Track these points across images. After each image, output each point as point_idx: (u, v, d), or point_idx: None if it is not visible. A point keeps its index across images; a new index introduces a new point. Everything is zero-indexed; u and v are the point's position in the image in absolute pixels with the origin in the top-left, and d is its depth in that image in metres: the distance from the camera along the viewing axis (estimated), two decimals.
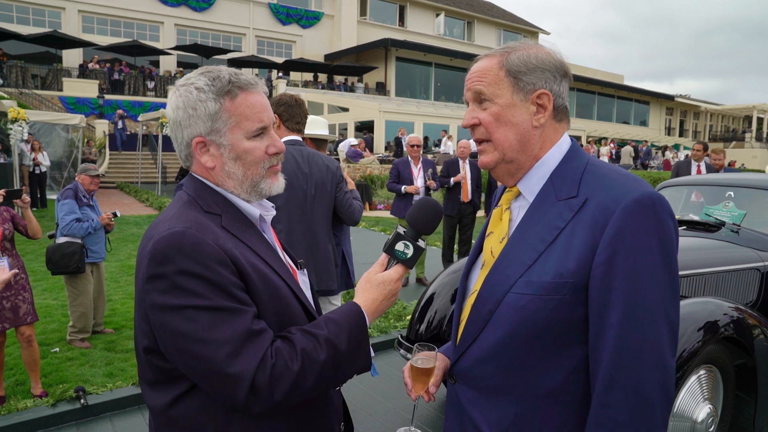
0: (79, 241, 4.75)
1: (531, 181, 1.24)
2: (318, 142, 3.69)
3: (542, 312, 1.12)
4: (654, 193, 1.10)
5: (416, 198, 6.82)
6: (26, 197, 4.09)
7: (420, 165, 6.97)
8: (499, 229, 1.29)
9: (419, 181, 6.87)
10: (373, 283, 1.27)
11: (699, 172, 7.31)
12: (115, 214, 5.14)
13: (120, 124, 21.78)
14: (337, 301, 3.37)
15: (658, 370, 1.07)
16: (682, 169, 7.41)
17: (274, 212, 1.36)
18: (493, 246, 1.28)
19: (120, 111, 22.33)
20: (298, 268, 1.40)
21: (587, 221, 1.11)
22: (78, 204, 4.76)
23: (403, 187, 6.78)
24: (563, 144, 1.25)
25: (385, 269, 1.30)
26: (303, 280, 1.39)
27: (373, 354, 1.24)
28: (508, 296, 1.16)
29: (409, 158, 6.99)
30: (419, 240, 1.30)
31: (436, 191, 7.16)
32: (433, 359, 1.34)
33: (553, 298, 1.11)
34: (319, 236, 3.17)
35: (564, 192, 1.18)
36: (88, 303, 4.93)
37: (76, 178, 4.93)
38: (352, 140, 20.09)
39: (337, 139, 20.35)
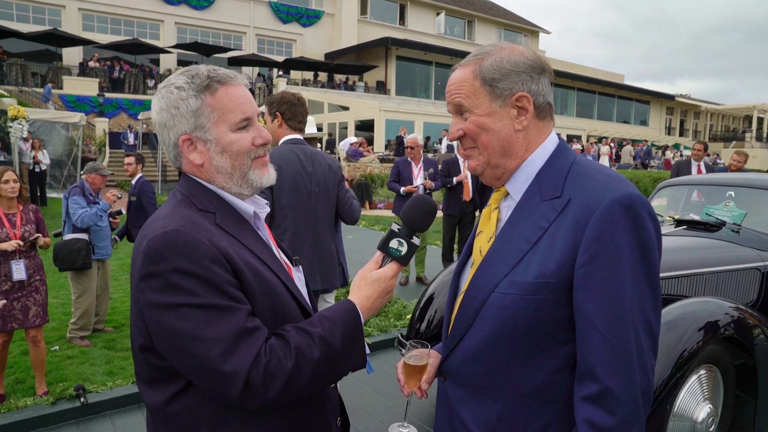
0: (85, 237, 4.78)
1: (518, 181, 1.25)
2: (309, 140, 3.70)
3: (525, 312, 1.13)
4: (635, 194, 1.11)
5: None
6: (46, 240, 4.05)
7: (420, 164, 6.92)
8: (487, 228, 1.30)
9: (418, 181, 6.84)
10: (368, 280, 1.28)
11: (699, 171, 7.32)
12: (120, 212, 5.15)
13: (131, 139, 20.60)
14: (331, 298, 3.39)
15: (638, 372, 1.08)
16: (682, 168, 7.42)
17: (268, 209, 1.36)
18: (482, 245, 1.29)
19: (128, 125, 21.10)
20: (293, 265, 1.41)
21: (570, 221, 1.12)
22: (85, 201, 4.79)
23: (402, 189, 6.75)
24: (549, 143, 1.25)
25: (380, 267, 1.30)
26: (298, 276, 1.40)
27: (368, 351, 1.24)
28: (493, 296, 1.18)
29: (409, 158, 6.96)
30: (413, 237, 1.31)
31: (435, 191, 7.11)
32: (426, 356, 1.35)
33: (535, 298, 1.12)
34: (323, 235, 3.17)
35: (548, 192, 1.19)
36: (91, 300, 4.95)
37: (84, 177, 4.94)
38: (352, 139, 20.04)
39: (323, 137, 20.17)
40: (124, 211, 5.28)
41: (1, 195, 3.84)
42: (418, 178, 6.84)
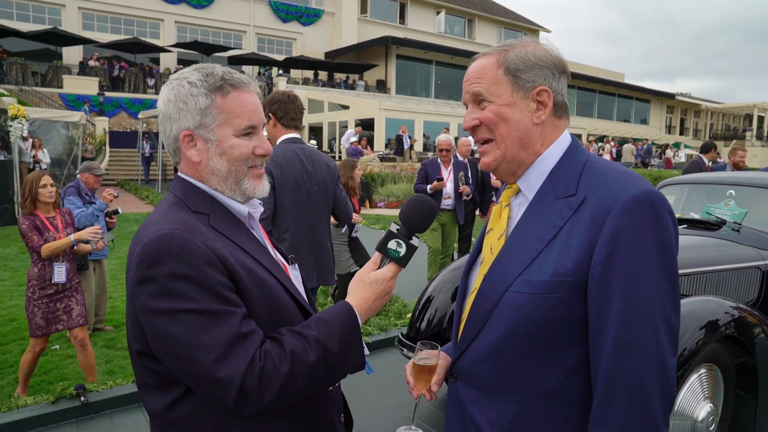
0: None
1: (530, 178, 1.24)
2: None
3: (540, 311, 1.12)
4: (653, 191, 1.09)
5: (446, 202, 6.43)
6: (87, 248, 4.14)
7: (450, 168, 6.42)
8: (498, 225, 1.29)
9: (448, 185, 6.39)
10: (366, 282, 1.26)
11: (708, 169, 7.33)
12: (116, 212, 5.12)
13: (147, 150, 19.98)
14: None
15: (657, 370, 1.06)
16: (702, 166, 7.37)
17: (261, 209, 1.36)
18: (493, 243, 1.27)
19: (145, 137, 20.27)
20: (288, 263, 1.40)
21: (586, 219, 1.11)
22: (81, 202, 4.78)
23: (428, 187, 6.21)
24: (563, 141, 1.25)
25: (379, 268, 1.29)
26: (294, 274, 1.39)
27: (367, 352, 1.23)
28: (507, 295, 1.16)
29: (439, 160, 6.48)
30: (412, 238, 1.29)
31: (470, 197, 6.60)
32: (436, 357, 1.34)
33: (551, 297, 1.11)
34: (321, 234, 3.21)
35: (563, 190, 1.18)
36: (90, 300, 4.94)
37: (79, 176, 4.93)
38: (351, 132, 19.88)
39: None
40: (121, 211, 5.25)
41: (39, 200, 3.84)
42: (448, 182, 6.38)
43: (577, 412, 1.15)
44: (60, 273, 3.83)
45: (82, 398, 3.62)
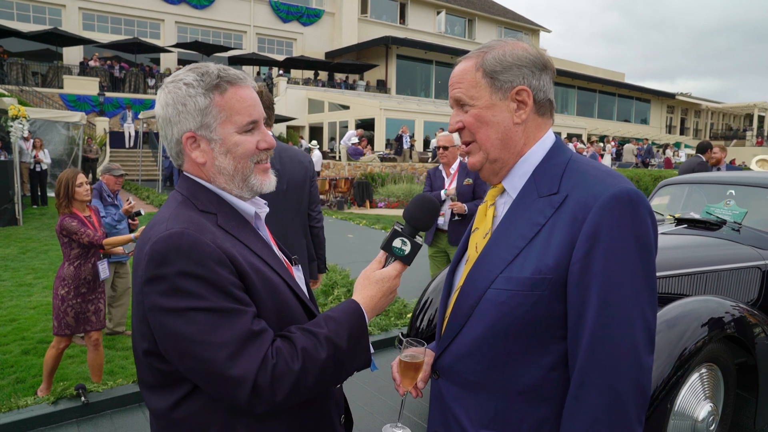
0: None
1: (514, 177, 1.26)
2: None
3: (522, 308, 1.13)
4: (632, 190, 1.11)
5: (440, 220, 4.95)
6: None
7: (455, 172, 5.05)
8: (483, 224, 1.31)
9: (443, 195, 5.01)
10: (372, 280, 1.27)
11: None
12: (138, 213, 5.09)
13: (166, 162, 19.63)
14: None
15: (632, 367, 1.07)
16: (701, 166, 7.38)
17: (267, 209, 1.36)
18: (478, 242, 1.29)
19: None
20: (292, 264, 1.41)
21: (567, 218, 1.12)
22: (103, 204, 4.77)
23: (443, 192, 4.96)
24: (547, 140, 1.26)
25: (384, 266, 1.30)
26: (298, 275, 1.40)
27: (372, 351, 1.24)
28: (489, 292, 1.17)
29: (441, 164, 5.21)
30: (416, 236, 1.31)
31: (469, 215, 4.79)
32: (422, 354, 1.35)
33: (532, 294, 1.12)
34: (294, 233, 3.16)
35: (545, 189, 1.19)
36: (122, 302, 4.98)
37: (100, 178, 4.93)
38: (352, 132, 19.87)
39: None
40: (143, 212, 5.20)
41: (76, 198, 3.79)
42: (450, 188, 5.02)
43: (557, 409, 1.15)
44: (104, 270, 3.86)
45: (83, 398, 3.63)
